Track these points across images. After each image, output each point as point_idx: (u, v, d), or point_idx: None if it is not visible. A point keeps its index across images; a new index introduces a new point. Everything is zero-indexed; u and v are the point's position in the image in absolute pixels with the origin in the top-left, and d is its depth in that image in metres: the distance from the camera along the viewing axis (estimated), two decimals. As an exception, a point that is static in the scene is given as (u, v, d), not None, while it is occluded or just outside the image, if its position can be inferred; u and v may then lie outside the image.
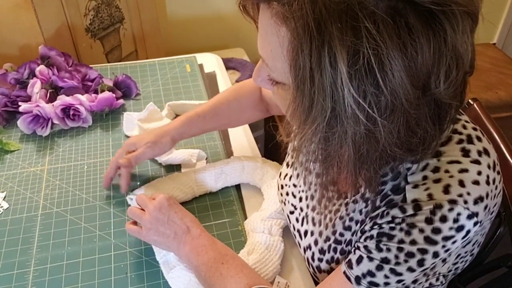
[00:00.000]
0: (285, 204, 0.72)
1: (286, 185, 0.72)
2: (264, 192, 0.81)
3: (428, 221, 0.46)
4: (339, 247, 0.59)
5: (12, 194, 0.82)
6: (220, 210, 0.80)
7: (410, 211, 0.48)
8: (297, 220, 0.68)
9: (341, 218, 0.58)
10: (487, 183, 0.48)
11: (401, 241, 0.48)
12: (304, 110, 0.43)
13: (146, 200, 0.69)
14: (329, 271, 0.61)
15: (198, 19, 1.86)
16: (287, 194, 0.71)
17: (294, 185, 0.70)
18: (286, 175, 0.72)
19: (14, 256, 0.71)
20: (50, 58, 1.05)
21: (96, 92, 1.04)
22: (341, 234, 0.58)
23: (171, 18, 1.78)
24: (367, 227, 0.53)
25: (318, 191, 0.62)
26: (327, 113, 0.41)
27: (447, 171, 0.47)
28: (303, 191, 0.68)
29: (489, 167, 0.49)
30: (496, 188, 0.50)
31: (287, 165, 0.73)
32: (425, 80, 0.41)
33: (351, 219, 0.57)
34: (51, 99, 0.99)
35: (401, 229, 0.48)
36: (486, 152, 0.50)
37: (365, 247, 0.52)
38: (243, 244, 0.73)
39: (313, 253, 0.63)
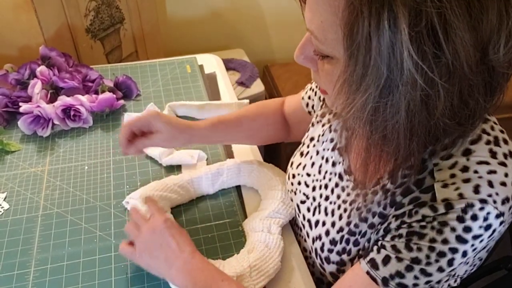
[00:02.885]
0: (295, 193, 0.71)
1: (298, 174, 0.71)
2: (262, 193, 0.81)
3: (460, 219, 0.46)
4: (352, 238, 0.59)
5: (13, 195, 0.82)
6: (220, 210, 0.80)
7: (441, 209, 0.47)
8: (308, 209, 0.68)
9: (358, 209, 0.58)
10: None
11: (432, 240, 0.48)
12: (355, 80, 0.42)
13: (140, 220, 0.66)
14: (339, 262, 0.61)
15: (198, 20, 1.86)
16: (299, 183, 0.70)
17: (308, 174, 0.69)
18: (300, 164, 0.72)
19: (15, 256, 0.72)
20: (50, 58, 1.05)
21: (96, 92, 1.04)
22: (356, 226, 0.58)
23: (171, 19, 1.78)
24: (393, 226, 0.52)
25: (332, 179, 0.63)
26: (381, 80, 0.40)
27: (476, 172, 0.47)
28: (317, 180, 0.67)
29: None
30: None
31: (301, 154, 0.73)
32: (485, 43, 0.40)
33: (368, 211, 0.56)
34: (52, 100, 0.99)
35: (432, 228, 0.47)
36: (511, 155, 0.50)
37: (393, 246, 0.51)
38: (243, 245, 0.73)
39: (323, 244, 0.63)
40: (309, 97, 0.78)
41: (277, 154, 1.75)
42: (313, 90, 0.77)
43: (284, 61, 2.06)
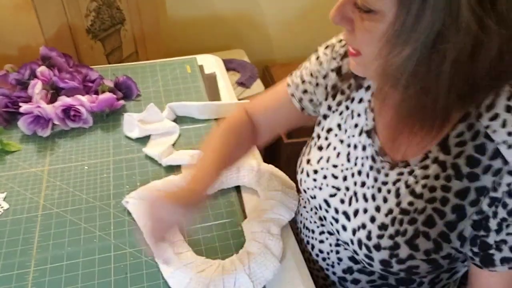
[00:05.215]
0: (320, 189, 0.68)
1: (322, 168, 0.68)
2: (261, 194, 0.81)
3: None
4: (406, 218, 0.58)
5: (12, 195, 0.83)
6: (220, 210, 0.80)
7: None
8: (341, 201, 0.65)
9: (407, 186, 0.58)
10: None
11: None
12: (405, 30, 0.43)
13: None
14: (392, 246, 0.59)
15: (199, 20, 1.86)
16: (325, 177, 0.67)
17: (334, 166, 0.67)
18: (321, 158, 0.68)
19: (14, 256, 0.72)
20: (51, 59, 1.05)
21: (96, 93, 1.05)
22: (411, 203, 0.57)
23: (171, 19, 1.78)
24: (485, 207, 0.53)
25: (365, 164, 0.62)
26: (434, 28, 0.41)
27: None
28: (347, 169, 0.65)
29: None
30: None
31: (319, 148, 0.70)
32: None
33: (423, 186, 0.56)
34: (52, 100, 0.99)
35: None
36: None
37: (508, 234, 0.52)
38: (243, 245, 0.73)
39: (369, 232, 0.61)
40: (304, 91, 0.73)
41: (277, 155, 1.75)
42: (310, 82, 0.72)
43: (284, 61, 2.07)
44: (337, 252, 0.71)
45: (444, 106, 0.47)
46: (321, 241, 0.74)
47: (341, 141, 0.67)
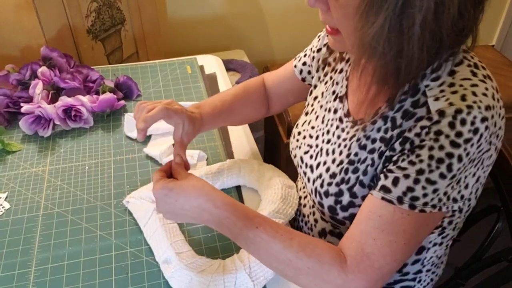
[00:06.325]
0: (300, 148, 0.77)
1: (304, 130, 0.77)
2: (262, 193, 0.82)
3: (451, 125, 0.52)
4: (351, 167, 0.64)
5: (14, 195, 0.83)
6: (220, 210, 0.80)
7: (436, 118, 0.53)
8: (311, 156, 0.73)
9: (358, 140, 0.64)
10: (493, 98, 0.55)
11: (431, 148, 0.53)
12: (375, 1, 0.48)
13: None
14: (337, 193, 0.65)
15: (199, 20, 1.87)
16: (304, 137, 0.77)
17: (312, 127, 0.76)
18: (305, 122, 0.78)
19: (15, 256, 0.72)
20: (52, 59, 1.06)
21: (97, 93, 1.05)
22: (356, 154, 0.64)
23: (171, 20, 1.79)
24: (397, 145, 0.57)
25: (334, 124, 0.70)
26: None
27: (461, 85, 0.54)
28: (320, 129, 0.73)
29: (493, 87, 0.56)
30: (500, 109, 0.56)
31: (306, 114, 0.79)
32: None
33: (367, 138, 0.62)
34: (53, 100, 1.00)
35: (430, 139, 0.53)
36: (489, 77, 0.57)
37: (398, 167, 0.56)
38: (243, 245, 0.73)
39: (322, 180, 0.68)
40: (303, 63, 0.83)
41: (277, 154, 1.76)
42: (309, 55, 0.82)
43: (284, 61, 2.05)
44: (314, 214, 0.76)
45: (418, 64, 0.52)
46: (304, 205, 0.79)
47: (321, 106, 0.75)
